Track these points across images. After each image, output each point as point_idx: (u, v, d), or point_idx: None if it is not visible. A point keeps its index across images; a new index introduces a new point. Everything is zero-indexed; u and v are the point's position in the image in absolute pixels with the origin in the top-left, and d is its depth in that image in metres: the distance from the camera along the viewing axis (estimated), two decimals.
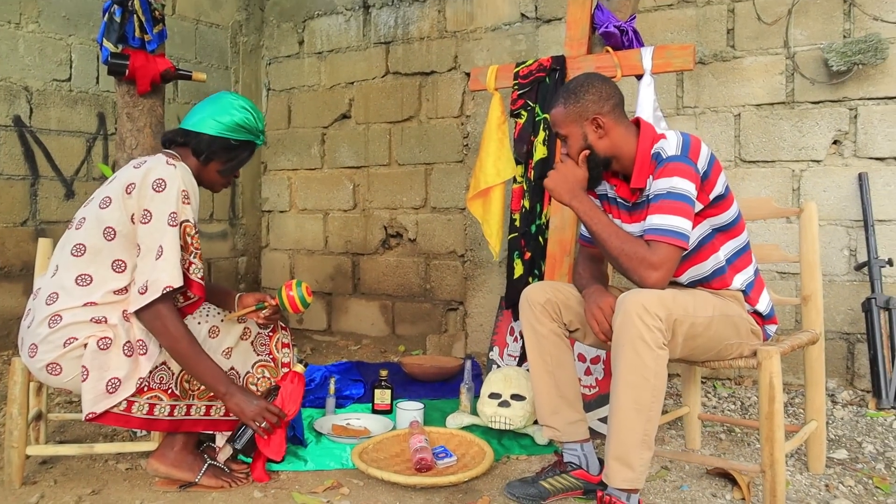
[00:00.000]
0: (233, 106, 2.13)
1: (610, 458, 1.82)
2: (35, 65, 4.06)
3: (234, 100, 2.15)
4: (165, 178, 1.98)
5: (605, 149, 2.00)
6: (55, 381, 1.99)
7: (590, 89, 2.01)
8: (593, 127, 2.00)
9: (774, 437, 1.87)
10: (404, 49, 4.65)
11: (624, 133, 2.01)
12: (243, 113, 2.13)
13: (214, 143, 2.12)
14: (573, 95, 2.01)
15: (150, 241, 1.96)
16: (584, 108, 1.99)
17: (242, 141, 2.16)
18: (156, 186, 1.98)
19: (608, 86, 2.03)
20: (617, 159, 2.02)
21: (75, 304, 1.97)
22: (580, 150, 2.02)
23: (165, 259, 1.95)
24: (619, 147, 2.00)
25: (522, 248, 2.92)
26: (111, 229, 1.99)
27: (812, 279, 2.25)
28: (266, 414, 2.09)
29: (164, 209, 1.97)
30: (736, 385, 3.44)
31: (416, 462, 2.21)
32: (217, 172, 2.17)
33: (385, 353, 4.33)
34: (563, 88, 2.06)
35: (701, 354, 1.97)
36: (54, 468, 2.28)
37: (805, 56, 3.39)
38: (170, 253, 1.95)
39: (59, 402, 3.05)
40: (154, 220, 1.97)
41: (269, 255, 5.37)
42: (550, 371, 2.13)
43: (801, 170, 3.42)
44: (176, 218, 1.98)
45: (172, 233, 1.97)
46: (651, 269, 1.84)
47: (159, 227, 1.96)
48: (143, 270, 1.96)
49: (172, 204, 1.98)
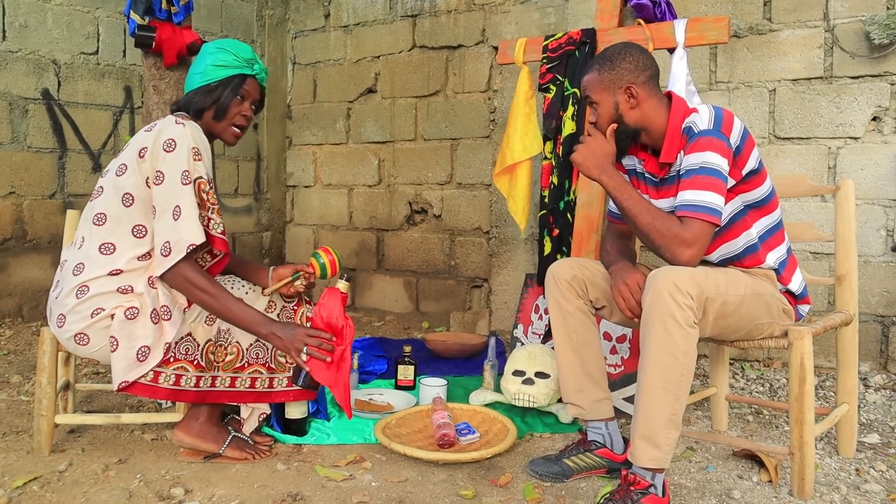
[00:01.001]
0: (206, 52, 2.13)
1: (636, 437, 1.81)
2: (63, 38, 4.09)
3: (208, 45, 2.15)
4: (175, 137, 1.99)
5: (636, 120, 1.97)
6: (83, 350, 2.03)
7: (627, 57, 1.97)
8: (626, 96, 1.96)
9: (804, 419, 1.85)
10: (431, 22, 4.60)
11: (656, 105, 1.97)
12: (216, 54, 2.11)
13: (196, 94, 2.11)
14: (609, 62, 1.98)
15: (164, 202, 1.97)
16: (618, 76, 1.96)
17: (222, 79, 2.11)
18: (166, 147, 1.98)
19: (645, 56, 2.00)
20: (647, 132, 1.99)
21: (101, 273, 1.99)
22: (610, 118, 1.99)
23: (185, 218, 1.96)
24: (650, 119, 1.97)
25: (551, 224, 2.89)
26: (129, 195, 2.01)
27: (847, 259, 2.21)
28: (308, 339, 2.04)
29: (176, 168, 1.97)
30: (765, 367, 3.40)
31: (439, 438, 2.22)
32: (213, 121, 2.13)
33: (409, 330, 4.34)
34: (600, 55, 2.03)
35: (731, 334, 1.95)
36: (82, 437, 2.32)
37: (845, 28, 3.29)
38: (188, 212, 1.96)
39: (86, 373, 3.11)
40: (167, 180, 1.97)
41: (294, 230, 5.39)
42: (576, 349, 2.12)
43: (838, 147, 3.34)
44: (189, 176, 1.98)
45: (188, 191, 1.97)
46: (684, 246, 1.81)
47: (173, 187, 1.97)
48: (163, 232, 1.97)
49: (184, 162, 1.97)
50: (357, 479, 2.04)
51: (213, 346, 2.08)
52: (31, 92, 3.97)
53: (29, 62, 3.95)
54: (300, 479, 2.03)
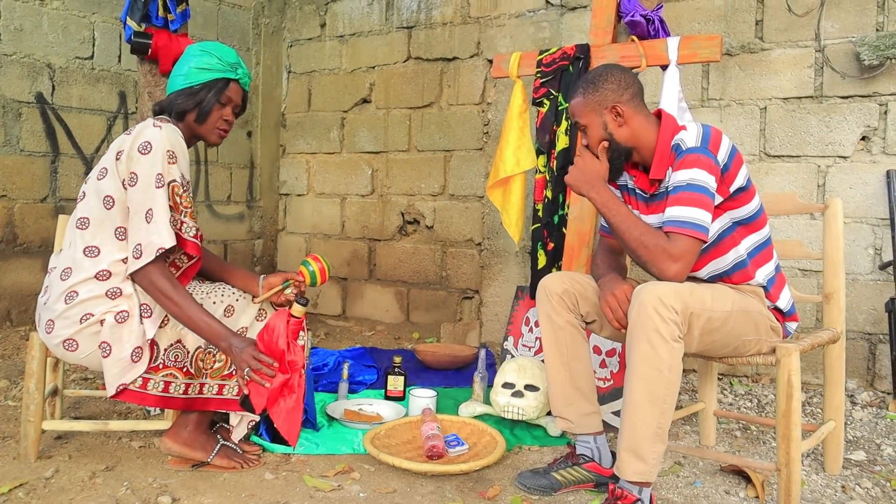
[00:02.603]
0: (189, 54, 2.14)
1: (622, 450, 1.82)
2: (58, 42, 4.09)
3: (192, 48, 2.15)
4: (151, 140, 1.99)
5: (625, 138, 2.00)
6: (72, 357, 2.02)
7: (609, 78, 2.01)
8: (612, 115, 1.99)
9: (791, 436, 1.86)
10: (426, 34, 4.63)
11: (644, 122, 2.00)
12: (200, 56, 2.11)
13: (178, 96, 2.10)
14: (592, 85, 2.02)
15: (137, 203, 1.97)
16: (603, 97, 1.99)
17: (205, 82, 2.11)
18: (141, 149, 1.98)
19: (627, 75, 2.03)
20: (637, 150, 2.02)
21: (88, 276, 1.99)
22: (600, 139, 2.01)
23: (156, 221, 1.96)
24: (640, 137, 2.00)
25: (545, 238, 2.91)
26: (110, 198, 2.01)
27: (835, 277, 2.23)
28: (251, 361, 2.03)
29: (150, 171, 1.97)
30: (753, 382, 3.42)
31: (428, 449, 2.22)
32: (195, 123, 2.12)
33: (399, 340, 4.34)
34: (582, 79, 2.07)
35: (718, 350, 1.96)
36: (69, 443, 2.32)
37: (836, 49, 3.34)
38: (159, 215, 1.96)
39: (74, 379, 3.10)
40: (140, 181, 1.97)
41: (286, 238, 5.39)
42: (565, 362, 2.13)
43: (828, 165, 3.38)
44: (162, 179, 1.98)
45: (160, 194, 1.97)
46: (670, 261, 1.83)
47: (146, 190, 1.97)
48: (135, 234, 1.97)
49: (157, 165, 1.97)
50: (345, 490, 2.04)
51: (203, 353, 2.08)
52: (24, 95, 3.97)
53: (23, 66, 3.95)
54: (288, 489, 2.03)
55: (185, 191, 2.04)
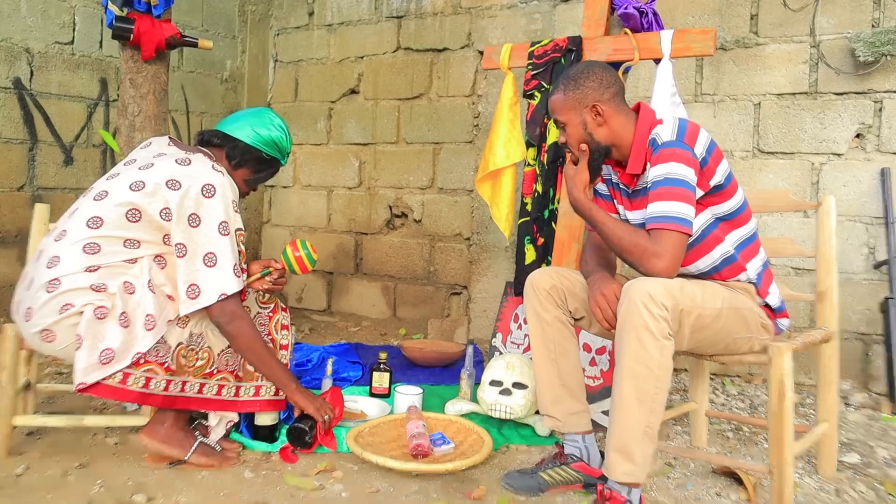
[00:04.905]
0: (272, 122, 2.26)
1: (610, 450, 1.80)
2: (37, 26, 4.02)
3: (274, 118, 2.28)
4: (215, 185, 2.05)
5: (604, 137, 2.00)
6: (48, 348, 1.99)
7: (591, 76, 2.00)
8: (592, 115, 1.99)
9: (783, 437, 1.85)
10: (417, 24, 4.59)
11: (624, 121, 2.00)
12: (280, 132, 2.27)
13: (249, 152, 2.22)
14: (573, 82, 2.01)
15: (196, 245, 2.02)
16: (583, 95, 1.99)
17: (272, 157, 2.26)
18: (205, 192, 2.03)
19: (609, 73, 2.02)
20: (617, 147, 2.02)
21: (76, 269, 1.96)
22: (579, 138, 2.01)
23: (220, 267, 2.03)
24: (619, 136, 2.00)
25: (535, 233, 2.89)
26: (137, 211, 2.01)
27: (828, 275, 2.22)
28: (326, 408, 2.27)
29: (215, 216, 2.04)
30: (745, 382, 3.41)
31: (413, 448, 2.20)
32: (243, 180, 2.26)
33: (385, 336, 4.31)
34: (563, 76, 2.06)
35: (709, 347, 1.95)
36: (41, 440, 2.27)
37: (831, 45, 3.33)
38: (224, 261, 2.04)
39: (48, 373, 3.05)
40: (204, 225, 2.02)
41: (270, 230, 5.35)
42: (553, 359, 2.11)
43: (821, 163, 3.37)
44: (227, 227, 2.06)
45: (226, 241, 2.05)
46: (655, 259, 1.82)
47: (208, 233, 2.03)
48: (192, 274, 2.02)
49: (222, 212, 2.05)
50: (327, 490, 2.01)
51: (185, 349, 2.05)
52: (1, 81, 3.89)
53: (0, 50, 3.88)
54: (268, 489, 2.00)
55: (244, 241, 2.15)
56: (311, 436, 2.23)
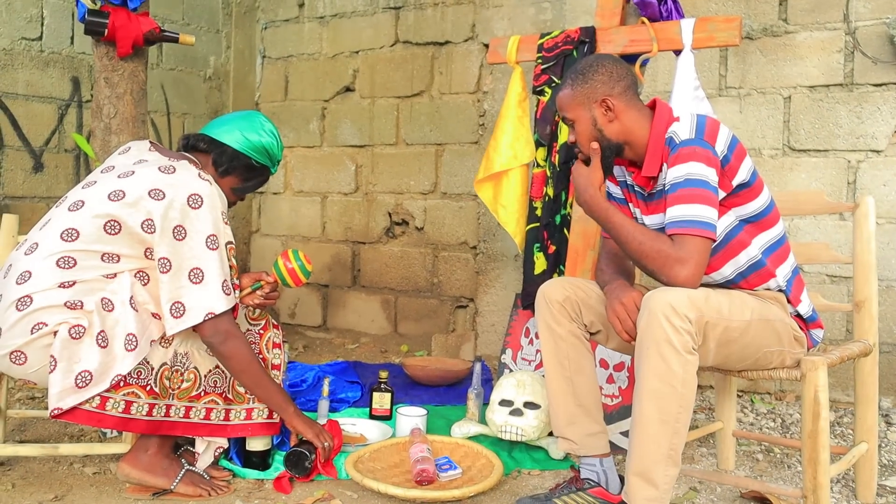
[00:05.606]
0: (263, 128, 2.30)
1: (631, 474, 1.82)
2: (1, 21, 4.06)
3: (265, 122, 2.32)
4: (202, 194, 2.07)
5: (616, 133, 2.02)
6: (18, 371, 1.99)
7: (600, 69, 2.03)
8: (602, 110, 2.01)
9: (818, 459, 1.86)
10: (416, 16, 4.63)
11: (636, 117, 2.02)
12: (272, 138, 2.31)
13: (238, 158, 2.26)
14: (581, 76, 2.04)
15: (181, 259, 2.03)
16: (592, 90, 2.01)
17: (262, 165, 2.30)
18: (192, 203, 2.05)
19: (619, 66, 2.05)
20: (630, 145, 2.04)
21: (49, 285, 1.96)
22: (589, 135, 2.04)
23: (207, 283, 2.05)
24: (632, 132, 2.02)
25: (545, 240, 2.91)
26: (116, 223, 2.02)
27: (866, 283, 2.23)
28: (326, 435, 2.29)
29: (202, 229, 2.05)
30: (776, 400, 3.42)
31: (417, 474, 2.22)
32: (231, 189, 2.29)
33: (386, 353, 4.34)
34: (571, 70, 2.09)
35: (736, 363, 1.96)
36: (13, 470, 2.29)
37: (867, 32, 3.35)
38: (212, 277, 2.05)
39: (20, 398, 3.07)
40: (189, 238, 2.04)
41: (260, 241, 5.38)
42: (568, 377, 2.13)
43: (859, 160, 3.39)
44: (216, 241, 2.08)
45: (214, 256, 2.06)
46: (678, 266, 1.83)
47: (194, 247, 2.04)
48: (176, 291, 2.03)
49: (210, 225, 2.07)
50: None
51: (169, 370, 2.06)
52: None
53: None
54: None
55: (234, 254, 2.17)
56: (311, 461, 2.24)
